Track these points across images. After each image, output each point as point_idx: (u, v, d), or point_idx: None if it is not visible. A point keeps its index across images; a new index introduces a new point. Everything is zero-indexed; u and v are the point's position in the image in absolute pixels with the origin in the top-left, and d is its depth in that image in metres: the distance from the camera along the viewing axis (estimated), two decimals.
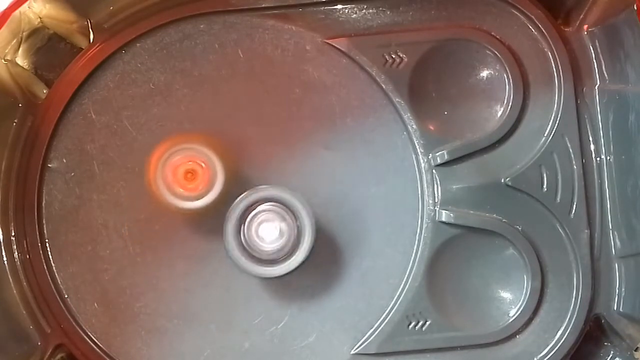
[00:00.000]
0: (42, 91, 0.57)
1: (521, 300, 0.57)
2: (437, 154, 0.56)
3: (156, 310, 0.57)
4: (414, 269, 0.57)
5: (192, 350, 0.57)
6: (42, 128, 0.57)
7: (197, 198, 0.55)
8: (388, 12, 0.57)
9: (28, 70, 0.57)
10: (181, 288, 0.57)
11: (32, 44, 0.57)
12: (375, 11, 0.57)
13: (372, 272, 0.57)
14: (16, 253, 0.56)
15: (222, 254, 0.55)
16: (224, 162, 0.55)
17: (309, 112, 0.57)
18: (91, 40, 0.57)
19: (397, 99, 0.56)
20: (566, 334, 0.57)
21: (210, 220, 0.56)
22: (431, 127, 0.57)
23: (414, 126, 0.57)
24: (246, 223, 0.54)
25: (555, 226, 0.57)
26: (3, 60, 0.55)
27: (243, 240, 0.54)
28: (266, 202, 0.55)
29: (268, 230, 0.55)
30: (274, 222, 0.55)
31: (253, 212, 0.54)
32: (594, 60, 0.57)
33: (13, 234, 0.56)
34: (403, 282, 0.57)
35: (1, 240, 0.56)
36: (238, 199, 0.54)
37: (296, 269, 0.54)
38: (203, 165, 0.55)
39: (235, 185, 0.56)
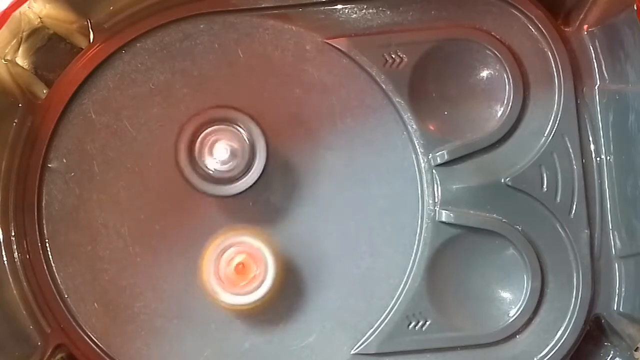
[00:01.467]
0: (42, 91, 0.57)
1: (521, 300, 0.57)
2: (437, 154, 0.56)
3: (156, 310, 0.57)
4: (414, 269, 0.57)
5: (192, 350, 0.57)
6: (42, 128, 0.57)
7: (248, 293, 0.55)
8: (388, 12, 0.57)
9: (28, 70, 0.57)
10: (181, 288, 0.57)
11: (32, 44, 0.57)
12: (375, 11, 0.57)
13: (372, 272, 0.57)
14: (16, 253, 0.56)
15: None
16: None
17: (309, 112, 0.57)
18: (91, 40, 0.57)
19: (397, 99, 0.56)
20: (566, 334, 0.57)
21: None
22: (431, 127, 0.57)
23: (414, 126, 0.57)
24: (198, 143, 0.54)
25: (555, 226, 0.57)
26: (3, 60, 0.55)
27: (197, 160, 0.54)
28: (217, 122, 0.55)
29: (220, 149, 0.54)
30: (226, 141, 0.54)
31: (205, 132, 0.54)
32: (594, 60, 0.57)
33: (13, 233, 0.56)
34: (403, 282, 0.57)
35: (1, 240, 0.56)
36: (189, 121, 0.54)
37: (251, 187, 0.54)
38: (253, 261, 0.55)
39: None
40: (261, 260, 0.55)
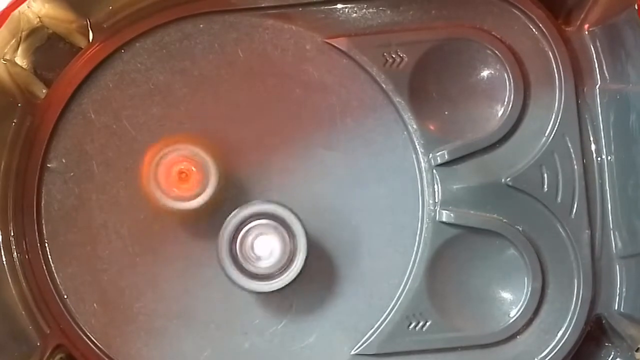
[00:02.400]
0: (41, 91, 0.57)
1: (522, 301, 0.56)
2: (438, 153, 0.56)
3: (156, 311, 0.57)
4: (414, 269, 0.56)
5: (192, 351, 0.57)
6: (41, 128, 0.56)
7: (191, 199, 0.54)
8: (388, 12, 0.57)
9: (27, 70, 0.57)
10: (181, 288, 0.57)
11: (31, 44, 0.57)
12: (375, 11, 0.57)
13: (372, 273, 0.57)
14: (15, 253, 0.56)
15: None
16: (221, 162, 0.55)
17: (309, 112, 0.57)
18: (90, 40, 0.57)
19: (397, 99, 0.56)
20: (567, 334, 0.56)
21: (206, 222, 0.56)
22: (431, 127, 0.57)
23: (414, 126, 0.56)
24: (239, 238, 0.54)
25: (556, 226, 0.56)
26: (2, 60, 0.55)
27: (237, 256, 0.54)
28: (260, 217, 0.54)
29: (262, 246, 0.54)
30: (268, 237, 0.54)
31: (247, 227, 0.54)
32: (595, 60, 0.57)
33: (12, 234, 0.56)
34: (403, 283, 0.57)
35: (0, 241, 0.56)
36: (231, 214, 0.54)
37: (291, 283, 0.54)
38: (194, 168, 0.54)
39: (233, 186, 0.56)
40: (202, 166, 0.54)
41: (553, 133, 0.56)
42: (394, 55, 0.56)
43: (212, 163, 0.54)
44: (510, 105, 0.56)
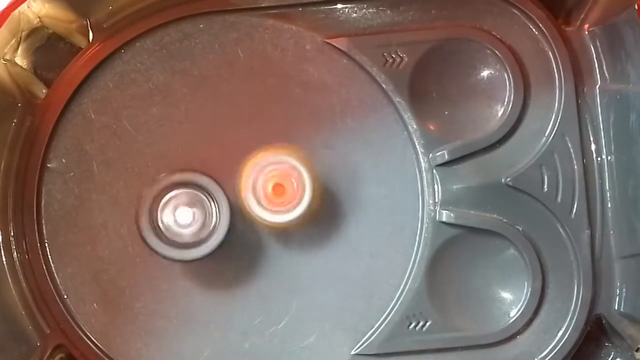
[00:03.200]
0: (42, 91, 0.57)
1: (522, 301, 0.56)
2: (438, 153, 0.56)
3: (156, 311, 0.57)
4: (414, 269, 0.56)
5: (191, 351, 0.57)
6: (41, 128, 0.56)
7: (285, 212, 0.54)
8: (388, 12, 0.57)
9: (27, 70, 0.57)
10: (181, 288, 0.57)
11: (31, 44, 0.57)
12: (375, 11, 0.57)
13: (372, 272, 0.57)
14: (15, 253, 0.56)
15: (222, 254, 0.55)
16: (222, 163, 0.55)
17: (309, 112, 0.57)
18: (90, 40, 0.57)
19: (397, 99, 0.56)
20: (567, 334, 0.56)
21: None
22: (431, 127, 0.57)
23: (414, 126, 0.56)
24: (160, 207, 0.54)
25: (556, 226, 0.56)
26: (2, 60, 0.55)
27: (159, 225, 0.54)
28: (180, 186, 0.54)
29: (183, 214, 0.54)
30: (189, 206, 0.54)
31: (167, 197, 0.54)
32: (595, 60, 0.57)
33: (12, 234, 0.56)
34: (403, 283, 0.57)
35: (0, 241, 0.56)
36: (151, 185, 0.54)
37: (214, 251, 0.54)
38: (293, 181, 0.54)
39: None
40: (299, 180, 0.54)
41: (553, 133, 0.56)
42: (394, 55, 0.56)
43: (309, 177, 0.54)
44: (510, 105, 0.56)
